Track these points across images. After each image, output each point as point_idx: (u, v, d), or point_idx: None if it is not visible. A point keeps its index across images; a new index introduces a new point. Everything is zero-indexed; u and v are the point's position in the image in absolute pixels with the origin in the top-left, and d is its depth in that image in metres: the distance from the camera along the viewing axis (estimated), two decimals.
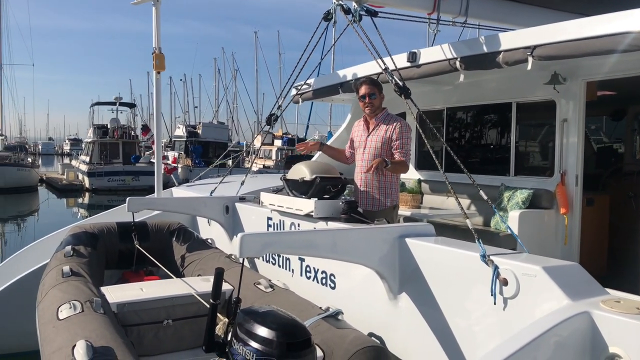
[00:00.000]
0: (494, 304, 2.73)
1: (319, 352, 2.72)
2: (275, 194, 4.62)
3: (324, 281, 4.00)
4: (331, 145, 5.92)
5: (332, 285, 3.91)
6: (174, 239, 5.12)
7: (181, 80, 70.36)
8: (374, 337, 3.10)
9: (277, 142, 38.59)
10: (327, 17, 4.58)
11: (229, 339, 2.47)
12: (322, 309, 3.23)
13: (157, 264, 4.53)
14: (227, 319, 2.75)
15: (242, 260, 2.73)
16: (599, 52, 3.91)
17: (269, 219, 4.74)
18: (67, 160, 50.62)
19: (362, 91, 4.44)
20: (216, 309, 2.58)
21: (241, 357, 2.29)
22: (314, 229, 4.00)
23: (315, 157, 6.99)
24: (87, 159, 31.69)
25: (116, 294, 3.64)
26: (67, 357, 2.57)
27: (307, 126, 48.90)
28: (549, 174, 5.38)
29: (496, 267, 2.71)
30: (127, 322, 3.48)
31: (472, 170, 3.59)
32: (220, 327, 2.75)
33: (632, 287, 3.58)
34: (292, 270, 4.40)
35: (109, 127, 32.90)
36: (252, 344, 2.26)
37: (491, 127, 6.24)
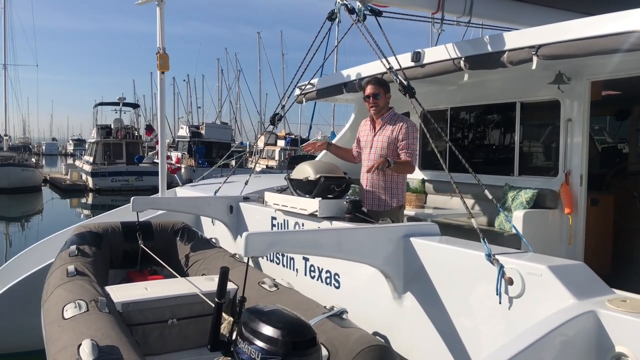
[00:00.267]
0: (499, 303, 2.72)
1: (324, 351, 2.72)
2: (279, 194, 4.61)
3: (329, 281, 4.00)
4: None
5: (337, 284, 3.91)
6: (178, 238, 5.13)
7: (184, 80, 70.38)
8: (378, 336, 3.10)
9: (280, 143, 38.60)
10: (332, 16, 4.58)
11: (234, 338, 2.48)
12: (327, 308, 3.23)
13: (162, 264, 4.54)
14: (231, 318, 2.75)
15: (247, 259, 2.73)
16: (604, 51, 3.90)
17: (273, 218, 4.74)
18: (71, 160, 50.79)
19: (367, 91, 4.44)
20: (221, 308, 2.58)
21: (246, 356, 2.29)
22: (318, 228, 4.00)
23: (319, 157, 6.98)
24: (91, 159, 31.75)
25: (121, 293, 3.65)
26: (72, 356, 2.58)
27: (310, 126, 48.96)
28: (553, 174, 5.37)
29: (501, 267, 2.70)
30: (132, 322, 3.49)
31: (476, 170, 3.58)
32: (225, 326, 2.75)
33: (637, 286, 3.56)
34: (297, 269, 4.40)
35: (112, 127, 32.97)
36: (258, 342, 2.26)
37: (495, 127, 6.23)
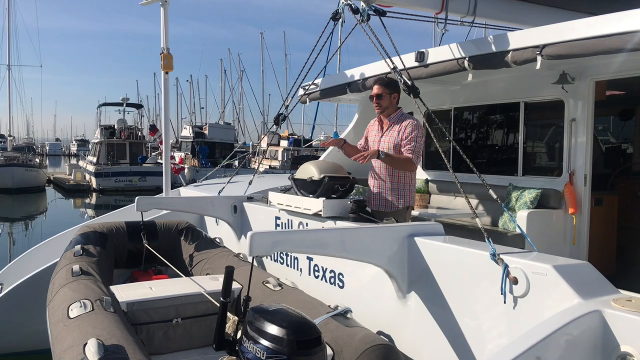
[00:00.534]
0: (504, 303, 2.72)
1: (329, 350, 2.72)
2: (283, 194, 4.62)
3: (333, 280, 4.00)
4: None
5: (341, 284, 3.92)
6: (183, 238, 5.14)
7: (187, 81, 70.59)
8: (382, 336, 3.10)
9: (284, 143, 38.61)
10: (336, 16, 4.58)
11: (239, 337, 2.48)
12: (331, 307, 3.24)
13: (166, 263, 4.55)
14: (236, 317, 2.76)
15: (252, 258, 2.73)
16: (608, 50, 3.89)
17: (277, 218, 4.75)
18: (74, 160, 50.85)
19: (372, 91, 4.45)
20: (226, 307, 2.59)
21: (252, 355, 2.29)
22: (322, 228, 4.00)
23: (323, 156, 6.99)
24: (94, 160, 31.81)
25: (126, 293, 3.66)
26: (78, 355, 2.59)
27: (313, 127, 48.93)
28: (557, 174, 5.36)
29: (506, 266, 2.70)
30: (137, 321, 3.50)
31: (479, 170, 3.58)
32: (229, 326, 2.76)
33: None
34: (301, 269, 4.40)
35: (116, 127, 33.02)
36: (263, 341, 2.27)
37: (499, 127, 6.22)
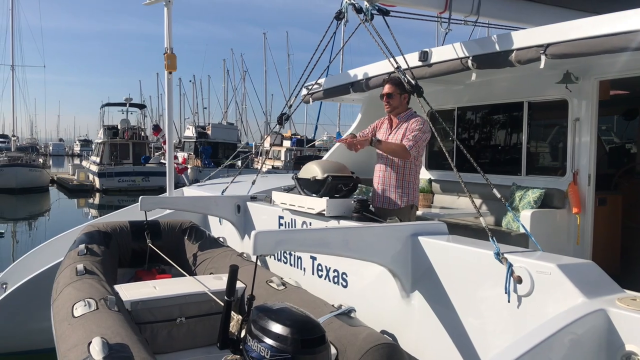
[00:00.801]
0: (508, 302, 2.72)
1: (333, 349, 2.73)
2: (286, 193, 4.62)
3: (336, 280, 4.00)
4: (340, 146, 5.92)
5: (344, 283, 3.92)
6: (186, 237, 5.15)
7: (190, 81, 70.61)
8: (386, 335, 3.10)
9: (286, 143, 38.63)
10: (339, 16, 4.58)
11: (243, 336, 2.49)
12: (335, 306, 3.24)
13: (170, 263, 4.56)
14: (240, 316, 2.76)
15: (256, 257, 2.74)
16: (613, 50, 3.88)
17: (281, 217, 4.75)
18: (78, 161, 50.96)
19: (383, 90, 4.47)
20: (231, 306, 2.60)
21: (256, 354, 2.30)
22: (326, 227, 4.00)
23: (326, 156, 6.99)
24: (98, 160, 31.86)
25: (130, 292, 3.67)
26: (83, 353, 2.60)
27: (316, 127, 48.87)
28: (561, 174, 5.35)
29: (510, 265, 2.70)
30: (141, 320, 3.51)
31: (483, 170, 3.58)
32: (233, 325, 2.76)
33: None
34: (304, 269, 4.40)
35: (119, 128, 33.08)
36: (267, 340, 2.27)
37: (502, 126, 6.21)
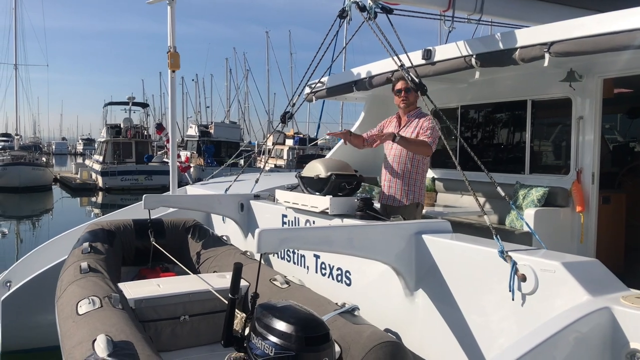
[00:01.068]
0: (512, 300, 2.71)
1: (337, 347, 2.73)
2: (290, 191, 4.63)
3: (340, 278, 4.00)
4: (342, 144, 5.92)
5: (348, 282, 3.92)
6: (190, 235, 5.16)
7: (193, 80, 70.36)
8: (390, 333, 3.10)
9: (289, 142, 38.65)
10: (343, 14, 4.58)
11: (247, 333, 2.49)
12: (339, 305, 3.24)
13: (174, 261, 4.57)
14: (244, 314, 2.77)
15: (260, 255, 2.74)
16: (617, 48, 3.87)
17: (284, 216, 4.75)
18: (81, 159, 51.07)
19: (399, 85, 4.49)
20: (235, 304, 2.60)
21: (260, 352, 2.30)
22: (330, 225, 4.01)
23: (329, 154, 6.99)
24: (101, 159, 31.93)
25: (134, 290, 3.68)
26: (87, 351, 2.61)
27: (319, 125, 48.96)
28: (565, 172, 5.34)
29: (514, 263, 2.69)
30: (145, 318, 3.52)
31: (486, 168, 3.57)
32: (237, 323, 2.76)
33: None
34: (307, 267, 4.40)
35: (122, 126, 33.13)
36: (271, 338, 2.28)
37: (506, 125, 6.21)
